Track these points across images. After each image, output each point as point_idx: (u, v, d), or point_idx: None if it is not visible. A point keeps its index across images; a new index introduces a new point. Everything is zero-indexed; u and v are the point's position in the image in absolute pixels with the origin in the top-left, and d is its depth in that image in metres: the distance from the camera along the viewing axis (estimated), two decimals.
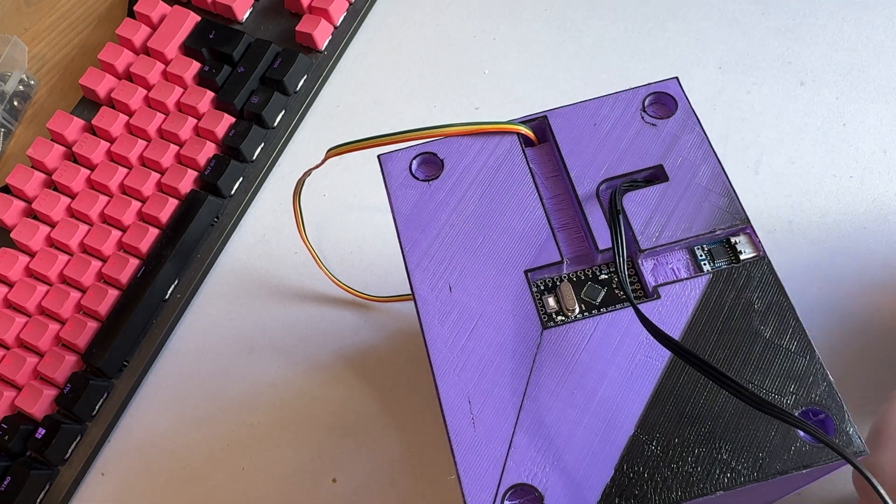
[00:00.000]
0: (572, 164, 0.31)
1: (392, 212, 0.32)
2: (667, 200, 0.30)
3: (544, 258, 0.30)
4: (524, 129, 0.32)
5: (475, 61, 0.51)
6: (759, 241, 0.29)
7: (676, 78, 0.33)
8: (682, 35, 0.49)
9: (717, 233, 0.29)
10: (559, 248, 0.30)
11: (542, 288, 0.30)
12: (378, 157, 0.33)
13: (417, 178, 0.32)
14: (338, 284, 0.44)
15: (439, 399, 0.28)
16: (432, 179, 0.32)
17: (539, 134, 0.33)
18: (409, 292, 0.30)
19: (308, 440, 0.42)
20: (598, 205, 0.30)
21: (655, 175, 0.31)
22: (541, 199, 0.31)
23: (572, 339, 0.28)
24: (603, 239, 0.30)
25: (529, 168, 0.32)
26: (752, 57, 0.48)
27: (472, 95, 0.50)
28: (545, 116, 0.33)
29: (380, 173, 0.48)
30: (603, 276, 0.30)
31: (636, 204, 0.30)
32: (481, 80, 0.50)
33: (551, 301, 0.29)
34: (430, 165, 0.32)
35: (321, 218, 0.48)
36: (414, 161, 0.32)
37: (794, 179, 0.45)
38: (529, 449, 0.26)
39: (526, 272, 0.30)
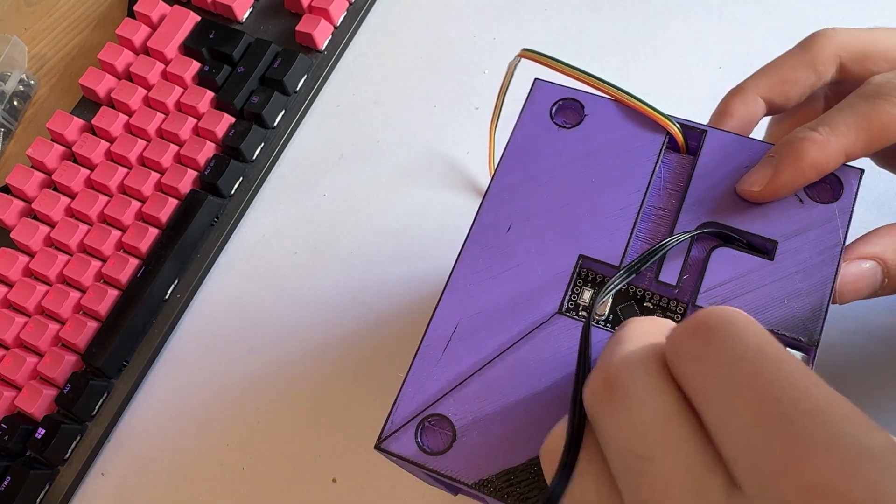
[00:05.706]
0: (695, 189, 0.29)
1: (511, 134, 0.31)
2: (755, 277, 0.28)
3: (605, 255, 0.29)
4: (675, 130, 0.30)
5: (475, 61, 0.51)
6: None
7: (862, 170, 0.29)
8: (682, 35, 0.49)
9: (779, 333, 0.27)
10: (624, 255, 0.29)
11: (585, 279, 0.29)
12: (535, 79, 0.32)
13: (552, 118, 0.31)
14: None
15: (434, 311, 0.28)
16: (563, 128, 0.31)
17: (689, 143, 0.31)
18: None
19: (308, 440, 0.42)
20: (687, 241, 0.29)
21: (763, 247, 0.28)
22: (642, 203, 0.29)
23: (574, 337, 0.28)
24: (666, 273, 0.28)
25: (654, 169, 0.30)
26: (753, 57, 0.48)
27: (472, 95, 0.50)
28: (705, 130, 0.31)
29: (380, 173, 0.48)
30: (648, 304, 0.29)
31: (724, 261, 0.28)
32: (481, 80, 0.50)
33: (587, 295, 0.29)
34: (571, 113, 0.31)
35: (321, 218, 0.48)
36: (560, 102, 0.31)
37: None
38: (475, 399, 0.27)
39: (581, 256, 0.29)
